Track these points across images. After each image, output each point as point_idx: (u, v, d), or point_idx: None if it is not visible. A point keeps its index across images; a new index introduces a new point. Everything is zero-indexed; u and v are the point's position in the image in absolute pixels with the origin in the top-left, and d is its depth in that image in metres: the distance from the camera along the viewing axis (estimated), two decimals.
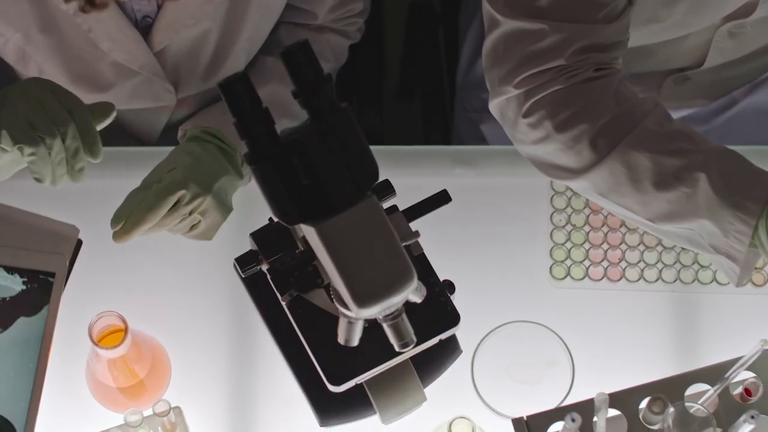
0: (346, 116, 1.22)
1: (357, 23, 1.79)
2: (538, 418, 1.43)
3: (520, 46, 1.48)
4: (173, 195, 1.48)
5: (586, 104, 1.47)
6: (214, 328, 1.63)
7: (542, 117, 1.48)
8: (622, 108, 1.47)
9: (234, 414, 1.60)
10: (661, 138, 1.45)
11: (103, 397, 1.57)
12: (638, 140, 1.45)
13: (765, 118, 1.87)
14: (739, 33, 1.67)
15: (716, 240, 1.42)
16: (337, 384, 1.41)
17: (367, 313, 1.25)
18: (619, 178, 1.46)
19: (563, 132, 1.47)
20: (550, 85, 1.47)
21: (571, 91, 1.47)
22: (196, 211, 1.52)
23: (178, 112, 1.79)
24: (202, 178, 1.51)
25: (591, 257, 1.67)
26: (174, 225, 1.51)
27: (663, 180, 1.44)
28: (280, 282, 1.41)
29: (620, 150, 1.45)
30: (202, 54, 1.67)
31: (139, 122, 1.80)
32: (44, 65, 1.65)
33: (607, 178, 1.47)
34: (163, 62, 1.66)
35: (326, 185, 1.21)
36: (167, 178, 1.49)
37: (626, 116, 1.47)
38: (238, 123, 1.21)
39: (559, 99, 1.47)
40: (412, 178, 1.51)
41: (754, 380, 1.43)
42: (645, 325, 1.63)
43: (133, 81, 1.67)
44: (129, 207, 1.47)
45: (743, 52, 1.76)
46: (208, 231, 1.56)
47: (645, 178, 1.45)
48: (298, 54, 1.21)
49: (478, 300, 1.59)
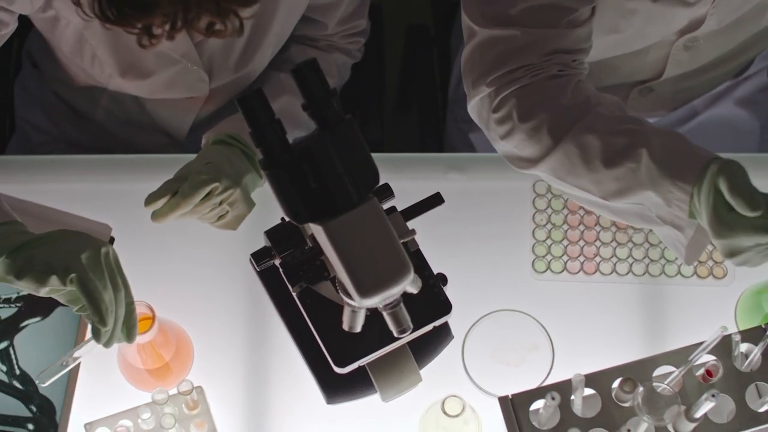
0: (351, 127, 1.22)
1: (359, 42, 1.79)
2: (522, 396, 1.43)
3: (493, 51, 1.49)
4: (207, 186, 1.47)
5: (546, 97, 1.47)
6: (232, 316, 1.63)
7: (509, 110, 1.48)
8: (578, 99, 1.47)
9: (249, 392, 1.59)
10: (610, 121, 1.45)
11: (133, 377, 1.57)
12: (590, 124, 1.45)
13: (723, 130, 1.86)
14: (693, 46, 1.67)
15: (662, 210, 1.41)
16: (342, 366, 1.41)
17: (368, 302, 1.25)
18: (573, 159, 1.46)
19: (525, 122, 1.47)
20: (518, 82, 1.48)
21: (535, 86, 1.48)
22: (226, 202, 1.51)
23: (205, 109, 1.79)
24: (232, 173, 1.51)
25: (569, 253, 1.66)
26: (204, 213, 1.51)
27: (611, 158, 1.43)
28: (291, 275, 1.40)
29: (573, 133, 1.45)
30: (234, 46, 1.67)
31: (171, 116, 1.80)
32: (97, 50, 1.64)
33: (563, 161, 1.47)
34: (200, 52, 1.65)
35: (332, 188, 1.21)
36: (203, 170, 1.49)
37: (581, 106, 1.47)
38: (254, 133, 1.20)
39: (523, 93, 1.48)
40: (409, 182, 1.50)
41: (715, 363, 1.43)
42: (617, 313, 1.63)
43: (173, 69, 1.66)
44: (162, 191, 1.47)
45: (698, 63, 1.76)
46: (234, 221, 1.55)
47: (595, 158, 1.44)
48: (307, 71, 1.20)
49: (468, 291, 1.59)
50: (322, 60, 1.28)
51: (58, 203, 1.64)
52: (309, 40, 1.76)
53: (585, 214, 1.68)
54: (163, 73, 1.66)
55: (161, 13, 1.24)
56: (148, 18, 1.25)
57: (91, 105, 1.81)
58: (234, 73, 1.71)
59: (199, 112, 1.79)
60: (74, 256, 1.30)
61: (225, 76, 1.71)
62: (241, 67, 1.70)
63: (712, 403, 1.31)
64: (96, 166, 1.71)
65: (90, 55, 1.66)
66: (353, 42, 1.78)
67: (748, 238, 1.31)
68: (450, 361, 1.57)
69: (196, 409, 1.52)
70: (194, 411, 1.52)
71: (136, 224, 1.57)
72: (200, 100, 1.76)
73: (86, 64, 1.69)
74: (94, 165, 1.71)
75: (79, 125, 1.87)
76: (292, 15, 1.68)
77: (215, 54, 1.67)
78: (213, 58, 1.68)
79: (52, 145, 1.90)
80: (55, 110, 1.88)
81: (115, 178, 1.69)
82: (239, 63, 1.69)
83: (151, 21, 1.26)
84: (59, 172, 1.70)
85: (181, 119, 1.80)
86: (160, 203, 1.47)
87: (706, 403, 1.32)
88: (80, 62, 1.69)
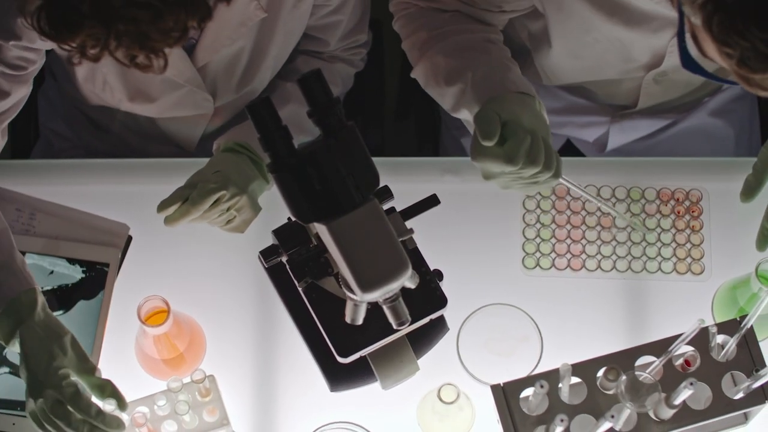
0: (353, 133, 1.22)
1: (361, 53, 1.79)
2: (513, 384, 1.43)
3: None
4: (215, 194, 1.47)
5: (426, 22, 1.57)
6: (242, 310, 1.63)
7: (398, 27, 1.61)
8: (449, 28, 1.55)
9: (258, 381, 1.59)
10: (458, 49, 1.52)
11: (149, 367, 1.57)
12: (443, 48, 1.53)
13: (699, 137, 1.86)
14: (662, 80, 1.68)
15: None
16: (344, 356, 1.40)
17: (369, 297, 1.25)
18: (428, 73, 1.54)
19: (405, 38, 1.60)
20: (411, 7, 1.60)
21: (418, 13, 1.59)
22: (233, 208, 1.51)
23: (213, 123, 1.78)
24: (239, 180, 1.51)
25: (557, 250, 1.66)
26: (213, 218, 1.51)
27: (450, 77, 1.50)
28: (297, 271, 1.40)
29: (429, 53, 1.54)
30: (236, 69, 1.66)
31: (181, 130, 1.79)
32: (108, 77, 1.65)
33: (423, 74, 1.56)
34: (203, 76, 1.65)
35: (336, 190, 1.21)
36: (212, 179, 1.49)
37: (447, 33, 1.54)
38: (262, 138, 1.20)
39: (410, 16, 1.60)
40: (407, 184, 1.50)
41: (693, 353, 1.43)
42: (601, 306, 1.63)
43: (179, 93, 1.66)
44: (173, 198, 1.48)
45: (670, 96, 1.76)
46: (241, 225, 1.56)
47: (440, 75, 1.51)
48: (312, 80, 1.20)
49: (462, 286, 1.59)
50: (325, 70, 1.28)
51: (80, 204, 1.64)
52: (313, 52, 1.76)
53: (572, 214, 1.68)
54: (169, 97, 1.67)
55: (86, 34, 1.20)
56: (75, 37, 1.21)
57: (108, 118, 1.82)
58: (236, 93, 1.71)
59: (207, 126, 1.79)
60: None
61: (228, 96, 1.71)
62: (243, 87, 1.70)
63: (690, 391, 1.31)
64: (115, 170, 1.71)
65: (101, 81, 1.67)
66: (355, 53, 1.78)
67: (494, 165, 1.35)
68: (445, 352, 1.56)
69: (208, 396, 1.51)
70: (207, 398, 1.51)
71: (152, 224, 1.56)
72: (207, 116, 1.76)
73: (98, 89, 1.69)
74: (113, 169, 1.71)
75: (97, 135, 1.87)
76: (289, 40, 1.68)
77: (218, 77, 1.67)
78: (216, 82, 1.67)
79: (72, 151, 1.90)
80: (76, 120, 1.88)
81: (133, 181, 1.69)
82: (240, 84, 1.69)
83: (80, 40, 1.22)
84: (81, 175, 1.70)
85: (190, 133, 1.80)
86: (171, 209, 1.47)
87: (684, 390, 1.32)
88: (92, 87, 1.70)
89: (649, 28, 1.52)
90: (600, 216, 1.67)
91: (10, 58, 1.49)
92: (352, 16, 1.69)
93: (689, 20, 1.16)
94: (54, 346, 1.41)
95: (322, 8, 1.64)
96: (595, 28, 1.54)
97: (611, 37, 1.56)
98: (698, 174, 1.69)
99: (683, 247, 1.65)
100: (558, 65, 1.71)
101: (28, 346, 1.41)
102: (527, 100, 1.40)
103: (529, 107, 1.39)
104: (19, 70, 1.51)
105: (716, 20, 1.10)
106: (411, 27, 1.59)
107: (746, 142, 1.90)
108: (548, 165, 1.36)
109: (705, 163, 1.71)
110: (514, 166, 1.34)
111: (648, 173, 1.69)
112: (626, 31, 1.53)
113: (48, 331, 1.42)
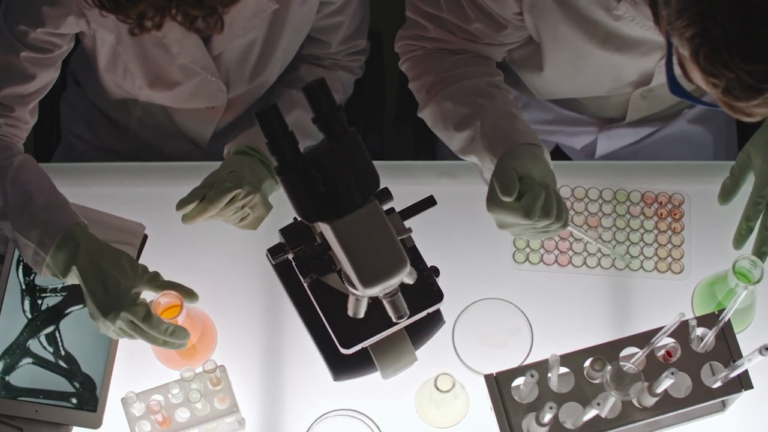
0: (355, 138, 1.22)
1: (360, 60, 1.79)
2: (505, 374, 1.43)
3: (409, 29, 1.62)
4: (231, 192, 1.48)
5: (433, 65, 1.58)
6: (251, 304, 1.63)
7: (406, 69, 1.63)
8: (455, 72, 1.55)
9: (266, 370, 1.59)
10: (467, 94, 1.53)
11: (163, 357, 1.57)
12: (451, 93, 1.54)
13: (680, 143, 1.86)
14: (649, 96, 1.68)
15: (483, 174, 1.52)
16: (347, 347, 1.41)
17: (370, 292, 1.25)
18: (436, 117, 1.56)
19: (413, 81, 1.61)
20: (418, 50, 1.61)
21: (424, 56, 1.60)
22: (248, 206, 1.52)
23: (224, 119, 1.79)
24: (252, 180, 1.52)
25: (545, 247, 1.66)
26: (229, 216, 1.52)
27: (459, 124, 1.51)
28: (302, 267, 1.41)
29: (437, 98, 1.55)
30: (249, 59, 1.67)
31: (195, 124, 1.80)
32: (129, 64, 1.65)
33: (431, 116, 1.58)
34: (218, 65, 1.65)
35: (339, 192, 1.21)
36: (227, 178, 1.49)
37: (454, 77, 1.55)
38: (270, 143, 1.20)
39: (417, 59, 1.61)
40: (406, 186, 1.50)
41: (674, 345, 1.43)
42: (587, 301, 1.63)
43: (195, 80, 1.66)
44: (192, 197, 1.49)
45: (656, 109, 1.76)
46: (254, 222, 1.56)
47: (449, 120, 1.53)
48: (316, 88, 1.21)
49: (457, 281, 1.59)
50: (328, 78, 1.29)
51: (99, 205, 1.64)
52: (315, 59, 1.76)
53: None
54: (186, 84, 1.67)
55: (147, 3, 1.24)
56: (138, 7, 1.24)
57: (125, 115, 1.82)
58: (248, 84, 1.71)
59: (219, 122, 1.80)
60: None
61: (241, 87, 1.72)
62: (255, 78, 1.70)
63: (671, 380, 1.31)
64: (132, 173, 1.71)
65: (122, 69, 1.67)
66: (355, 60, 1.78)
67: (509, 217, 1.37)
68: (442, 343, 1.56)
69: (219, 385, 1.52)
70: (218, 387, 1.52)
71: (166, 224, 1.57)
72: (220, 110, 1.76)
73: (119, 78, 1.69)
74: (130, 171, 1.71)
75: (116, 135, 1.87)
76: (298, 34, 1.68)
77: (231, 67, 1.67)
78: (229, 71, 1.68)
79: (92, 153, 1.90)
80: (95, 122, 1.88)
81: (149, 183, 1.69)
82: (253, 74, 1.70)
83: (140, 9, 1.24)
84: (100, 177, 1.70)
85: (204, 128, 1.81)
86: (189, 207, 1.48)
87: (666, 380, 1.32)
88: (114, 76, 1.70)
89: (639, 52, 1.53)
90: (587, 216, 1.68)
91: (38, 42, 1.52)
92: (352, 19, 1.70)
93: (677, 50, 1.16)
94: (114, 270, 1.42)
95: (327, 6, 1.65)
96: (588, 54, 1.55)
97: (603, 62, 1.56)
98: (680, 176, 1.70)
99: (664, 247, 1.66)
100: (549, 85, 1.71)
101: (89, 274, 1.42)
102: (536, 151, 1.42)
103: (539, 159, 1.41)
104: (45, 52, 1.53)
105: (703, 53, 1.11)
106: (418, 69, 1.60)
107: (724, 147, 1.90)
108: (559, 217, 1.39)
109: (686, 167, 1.71)
110: (530, 220, 1.36)
111: (633, 176, 1.70)
112: (618, 56, 1.54)
113: (103, 256, 1.43)
